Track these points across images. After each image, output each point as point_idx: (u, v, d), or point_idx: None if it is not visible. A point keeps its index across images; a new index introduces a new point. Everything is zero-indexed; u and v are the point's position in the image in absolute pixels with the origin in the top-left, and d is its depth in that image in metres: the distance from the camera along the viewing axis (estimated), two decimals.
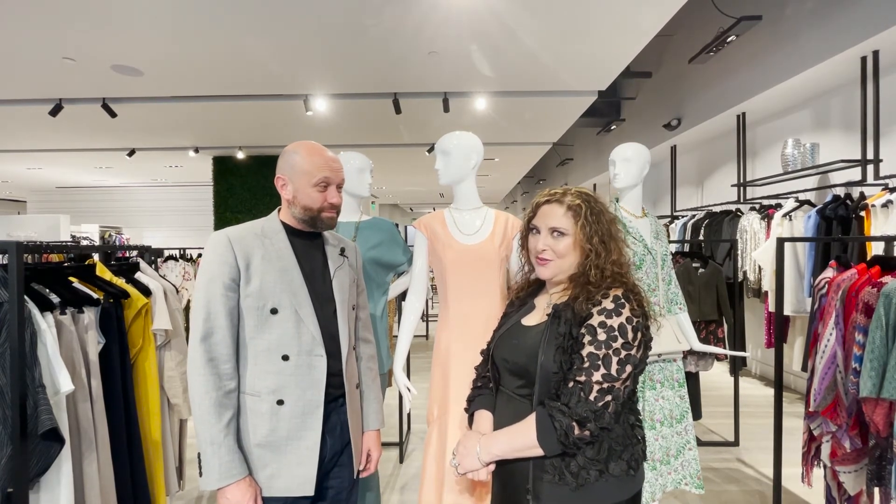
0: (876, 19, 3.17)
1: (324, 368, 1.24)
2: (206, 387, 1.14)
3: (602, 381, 0.98)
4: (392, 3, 3.34)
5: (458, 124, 6.12)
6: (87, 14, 3.40)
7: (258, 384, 1.21)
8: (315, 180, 1.26)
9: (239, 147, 7.69)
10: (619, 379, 0.99)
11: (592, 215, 1.11)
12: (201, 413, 1.14)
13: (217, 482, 1.12)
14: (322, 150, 1.30)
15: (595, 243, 1.10)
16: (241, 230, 1.27)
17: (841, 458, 1.73)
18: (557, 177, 11.48)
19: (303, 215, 1.29)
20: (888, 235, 1.93)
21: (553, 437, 0.99)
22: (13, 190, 12.12)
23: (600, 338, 1.00)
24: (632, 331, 1.01)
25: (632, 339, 1.01)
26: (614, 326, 1.01)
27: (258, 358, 1.21)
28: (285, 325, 1.22)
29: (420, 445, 3.26)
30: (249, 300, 1.21)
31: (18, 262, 1.30)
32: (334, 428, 1.29)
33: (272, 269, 1.23)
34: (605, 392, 0.98)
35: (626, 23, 3.62)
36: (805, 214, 3.73)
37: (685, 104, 5.58)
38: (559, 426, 0.98)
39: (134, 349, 1.83)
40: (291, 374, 1.21)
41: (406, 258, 2.20)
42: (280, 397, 1.20)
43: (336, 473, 1.32)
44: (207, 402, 1.14)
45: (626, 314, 1.02)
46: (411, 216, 22.23)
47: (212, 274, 1.20)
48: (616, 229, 1.14)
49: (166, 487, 1.95)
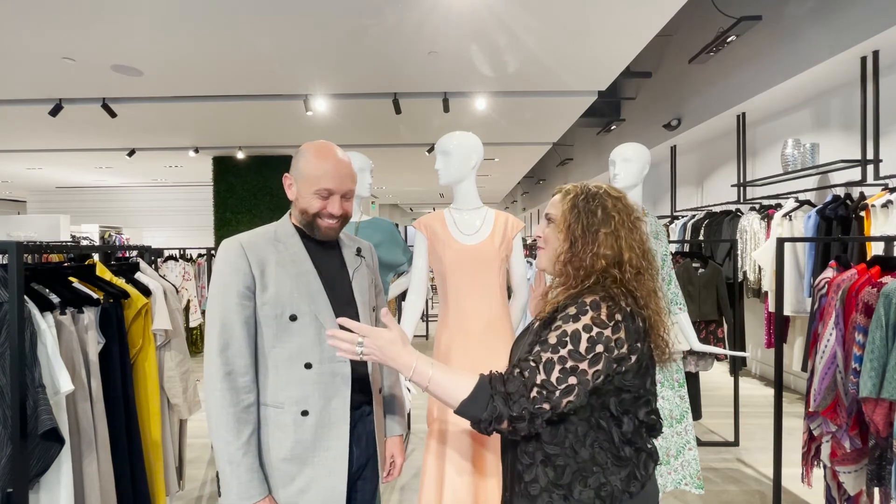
0: (876, 19, 3.17)
1: (348, 375, 1.20)
2: (224, 402, 1.10)
3: (541, 385, 0.88)
4: (392, 3, 3.34)
5: (458, 124, 6.12)
6: (87, 14, 3.40)
7: (280, 395, 1.16)
8: (316, 188, 1.19)
9: (239, 147, 7.69)
10: (558, 389, 0.88)
11: (585, 202, 1.01)
12: (219, 430, 1.10)
13: (236, 503, 1.09)
14: (332, 154, 1.22)
15: (577, 232, 0.99)
16: (253, 236, 1.22)
17: (841, 458, 1.73)
18: (557, 177, 11.48)
19: (300, 219, 1.24)
20: (888, 235, 1.93)
21: (477, 413, 0.89)
22: (13, 190, 12.12)
23: (550, 341, 0.91)
24: (586, 341, 0.89)
25: (584, 350, 0.89)
26: (567, 331, 0.91)
27: (279, 368, 1.16)
28: (306, 331, 1.17)
29: (420, 445, 3.26)
30: (267, 308, 1.16)
31: (18, 262, 1.30)
32: (360, 438, 1.25)
33: (288, 274, 1.18)
34: (543, 398, 0.88)
35: (626, 23, 3.62)
36: (805, 214, 3.73)
37: (685, 104, 5.58)
38: (491, 411, 0.88)
39: (134, 349, 1.83)
40: (315, 382, 1.16)
41: (406, 258, 2.20)
42: (304, 408, 1.15)
43: (360, 487, 1.27)
44: (225, 418, 1.09)
45: (585, 321, 0.90)
46: (411, 216, 22.22)
47: (225, 283, 1.15)
48: (624, 225, 1.00)
49: (166, 487, 1.95)
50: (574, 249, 0.99)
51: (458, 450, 1.64)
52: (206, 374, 1.13)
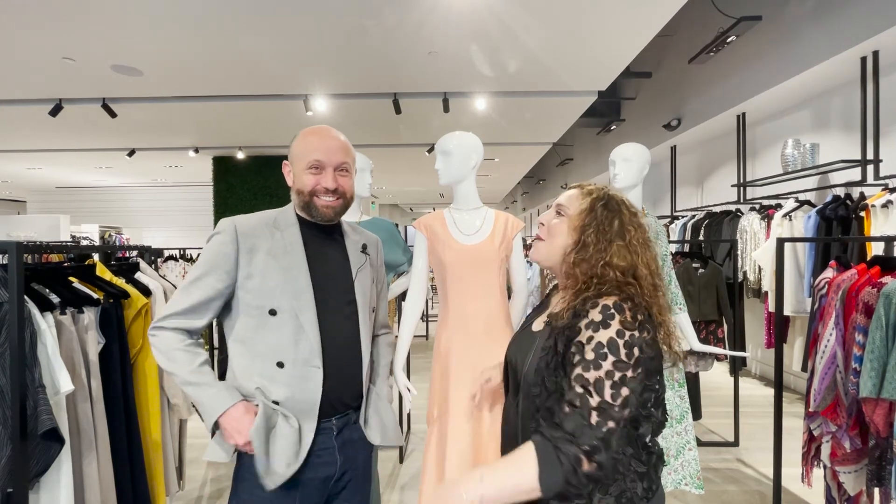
0: (876, 19, 3.17)
1: (319, 381, 1.14)
2: (174, 341, 1.12)
3: (598, 408, 0.85)
4: (392, 3, 3.34)
5: (458, 124, 6.12)
6: (87, 14, 3.40)
7: (249, 386, 1.14)
8: (307, 162, 1.18)
9: (239, 147, 7.69)
10: (616, 405, 0.85)
11: (605, 209, 1.00)
12: (174, 364, 1.11)
13: (214, 415, 1.08)
14: (321, 131, 1.22)
15: (588, 234, 0.98)
16: (252, 219, 1.20)
17: (841, 458, 1.73)
18: (557, 177, 11.48)
19: (298, 201, 1.21)
20: (888, 236, 1.93)
21: (558, 474, 0.82)
22: (13, 190, 12.11)
23: (588, 356, 0.87)
24: (623, 346, 0.87)
25: (626, 357, 0.86)
26: (602, 342, 0.87)
27: (255, 359, 1.14)
28: (283, 329, 1.13)
29: (420, 445, 3.26)
30: (249, 297, 1.14)
31: (18, 262, 1.30)
32: (345, 445, 1.20)
33: (277, 266, 1.15)
34: (606, 418, 0.84)
35: (626, 23, 3.62)
36: (805, 215, 3.73)
37: (685, 104, 5.58)
38: (566, 460, 0.82)
39: (134, 349, 1.83)
40: (285, 384, 1.13)
41: (406, 258, 2.20)
42: (274, 398, 1.13)
43: (345, 497, 1.22)
44: (178, 352, 1.11)
45: (617, 326, 0.88)
46: (411, 216, 22.22)
47: (205, 259, 1.15)
48: (637, 239, 0.99)
49: (166, 487, 1.95)
50: (584, 253, 0.98)
51: (459, 450, 1.64)
52: (155, 326, 1.14)
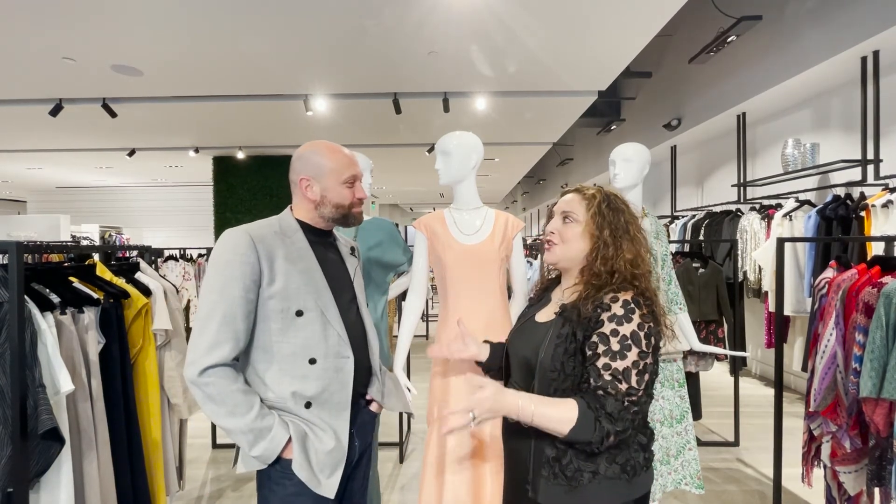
0: (876, 19, 3.17)
1: (351, 370, 1.23)
2: (225, 384, 1.09)
3: (628, 393, 0.98)
4: (392, 3, 3.34)
5: (458, 124, 6.12)
6: (87, 14, 3.40)
7: (283, 389, 1.16)
8: (344, 178, 1.26)
9: (239, 147, 7.69)
10: (641, 390, 0.99)
11: (609, 209, 1.10)
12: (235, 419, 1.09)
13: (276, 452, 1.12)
14: (339, 147, 1.31)
15: (605, 235, 1.08)
16: (259, 227, 1.21)
17: (841, 458, 1.73)
18: (557, 177, 11.48)
19: (334, 213, 1.28)
20: (888, 235, 1.93)
21: (587, 436, 0.96)
22: (13, 190, 12.12)
23: (614, 348, 0.99)
24: (644, 338, 1.00)
25: (646, 347, 1.00)
26: (627, 335, 0.99)
27: (283, 363, 1.17)
28: (311, 327, 1.18)
29: (420, 445, 3.26)
30: (273, 302, 1.16)
31: (18, 262, 1.30)
32: (360, 428, 1.29)
33: (295, 269, 1.19)
34: (633, 403, 0.98)
35: (626, 23, 3.62)
36: (805, 214, 3.73)
37: (685, 104, 5.58)
38: (600, 432, 0.96)
39: (134, 349, 1.83)
40: (318, 377, 1.18)
41: (406, 258, 2.20)
42: (307, 399, 1.18)
43: (354, 475, 1.31)
44: (236, 396, 1.09)
45: (637, 320, 1.00)
46: (411, 216, 22.22)
47: (232, 275, 1.12)
48: (637, 230, 1.11)
49: (166, 487, 1.95)
50: (604, 252, 1.07)
51: (458, 450, 1.64)
52: (192, 365, 1.09)
